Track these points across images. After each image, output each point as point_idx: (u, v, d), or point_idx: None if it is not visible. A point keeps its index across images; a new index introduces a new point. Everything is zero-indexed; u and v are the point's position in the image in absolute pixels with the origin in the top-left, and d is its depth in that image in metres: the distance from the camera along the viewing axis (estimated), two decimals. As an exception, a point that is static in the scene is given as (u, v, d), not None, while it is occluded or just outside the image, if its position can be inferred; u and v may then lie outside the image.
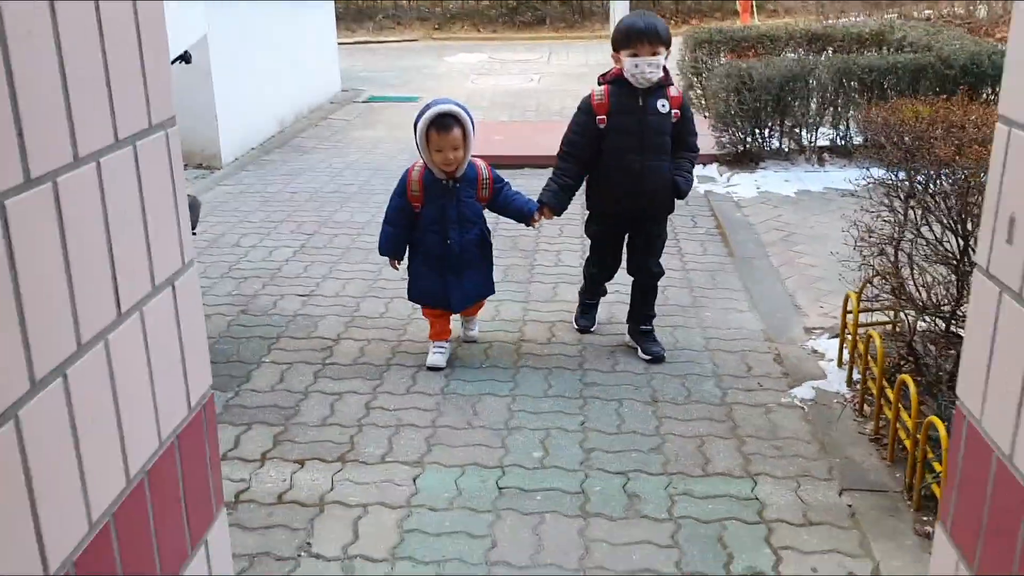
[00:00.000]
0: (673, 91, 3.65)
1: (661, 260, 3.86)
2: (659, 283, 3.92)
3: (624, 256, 3.92)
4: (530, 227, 3.89)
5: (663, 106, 3.58)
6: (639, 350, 3.81)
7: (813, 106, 6.92)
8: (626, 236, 3.85)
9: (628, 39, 3.49)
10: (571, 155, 3.67)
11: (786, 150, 7.07)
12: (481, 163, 3.70)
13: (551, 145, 3.95)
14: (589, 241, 3.97)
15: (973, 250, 2.96)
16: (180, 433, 1.26)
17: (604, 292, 4.13)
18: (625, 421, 3.31)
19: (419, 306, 3.92)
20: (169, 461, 1.22)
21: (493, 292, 3.89)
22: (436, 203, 3.59)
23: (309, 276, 4.85)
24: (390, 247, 3.71)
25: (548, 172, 3.77)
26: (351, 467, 3.03)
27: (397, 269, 3.76)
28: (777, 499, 2.82)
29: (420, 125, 3.45)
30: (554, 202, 3.68)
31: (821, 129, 7.07)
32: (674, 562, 2.55)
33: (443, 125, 3.44)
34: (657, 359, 3.75)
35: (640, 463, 3.03)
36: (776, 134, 7.03)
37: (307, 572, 2.51)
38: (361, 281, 4.75)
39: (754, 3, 9.48)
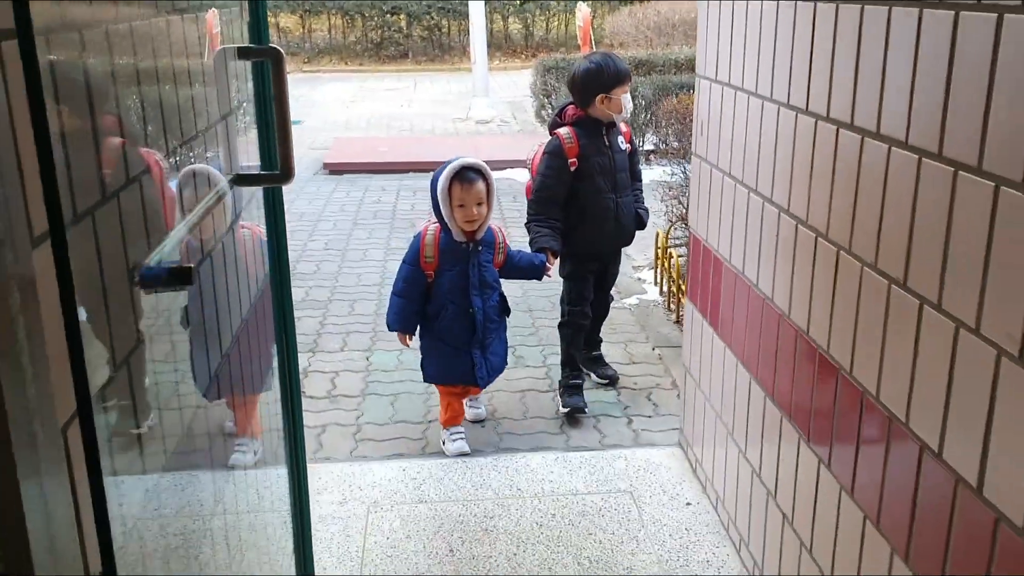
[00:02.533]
0: (623, 127, 3.73)
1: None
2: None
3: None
4: (540, 280, 3.67)
5: (622, 142, 3.66)
6: (593, 375, 3.95)
7: (641, 117, 8.64)
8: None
9: (620, 79, 3.49)
10: (549, 200, 3.56)
11: (621, 153, 8.74)
12: (495, 226, 3.44)
13: (428, 154, 4.92)
14: (565, 283, 3.82)
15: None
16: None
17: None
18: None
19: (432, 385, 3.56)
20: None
21: (506, 364, 3.61)
22: (455, 269, 3.30)
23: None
24: (402, 321, 3.37)
25: (429, 175, 3.44)
26: (322, 354, 4.29)
27: (409, 346, 3.49)
28: (614, 353, 4.30)
29: (442, 180, 3.20)
30: (555, 245, 3.54)
31: (647, 135, 8.80)
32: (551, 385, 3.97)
33: (467, 178, 3.20)
34: (613, 381, 3.92)
35: (520, 341, 4.45)
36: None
37: (310, 403, 3.76)
38: (294, 252, 5.97)
39: (592, 37, 11.23)
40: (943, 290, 1.48)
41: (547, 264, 3.52)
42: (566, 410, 3.61)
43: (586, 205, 3.58)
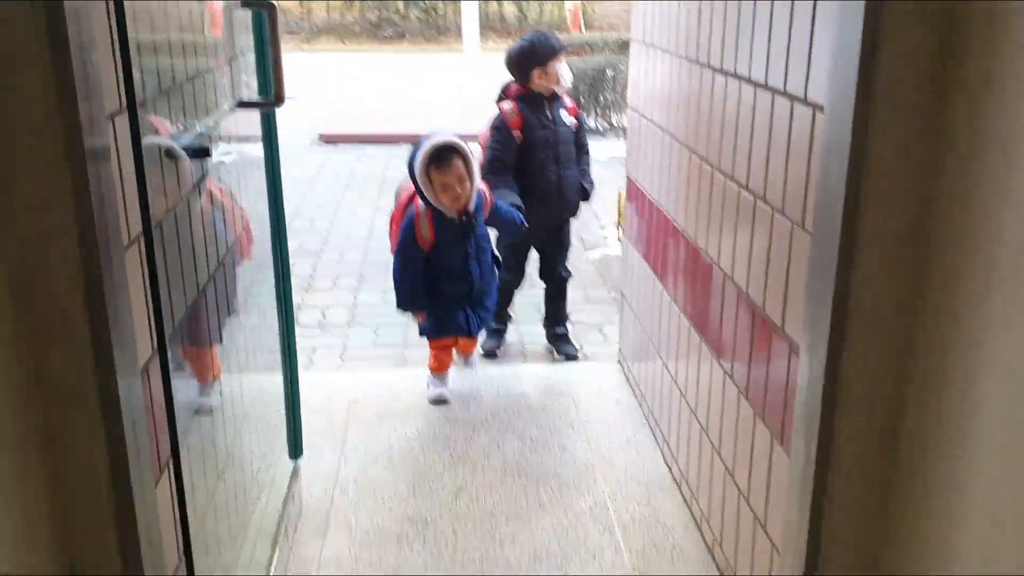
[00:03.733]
0: (568, 101, 3.84)
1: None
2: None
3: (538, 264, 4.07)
4: (517, 237, 3.74)
5: (566, 116, 3.78)
6: (555, 352, 4.04)
7: (620, 94, 9.16)
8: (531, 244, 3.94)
9: (554, 51, 3.65)
10: (502, 166, 3.68)
11: (600, 129, 9.26)
12: (480, 185, 3.34)
13: (418, 126, 5.33)
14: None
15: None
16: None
17: (510, 318, 4.21)
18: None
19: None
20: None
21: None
22: (452, 244, 3.28)
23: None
24: (417, 300, 3.35)
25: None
26: (314, 293, 4.82)
27: (421, 322, 3.43)
28: (574, 296, 4.81)
29: (417, 166, 3.11)
30: (519, 202, 3.63)
31: (624, 112, 9.32)
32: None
33: (443, 161, 3.11)
34: (571, 358, 3.99)
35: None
36: (593, 116, 9.21)
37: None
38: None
39: (582, 20, 11.73)
40: (766, 189, 1.99)
41: (524, 224, 3.54)
42: (482, 351, 3.94)
43: (530, 178, 3.70)
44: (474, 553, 2.52)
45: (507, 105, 3.72)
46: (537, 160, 3.71)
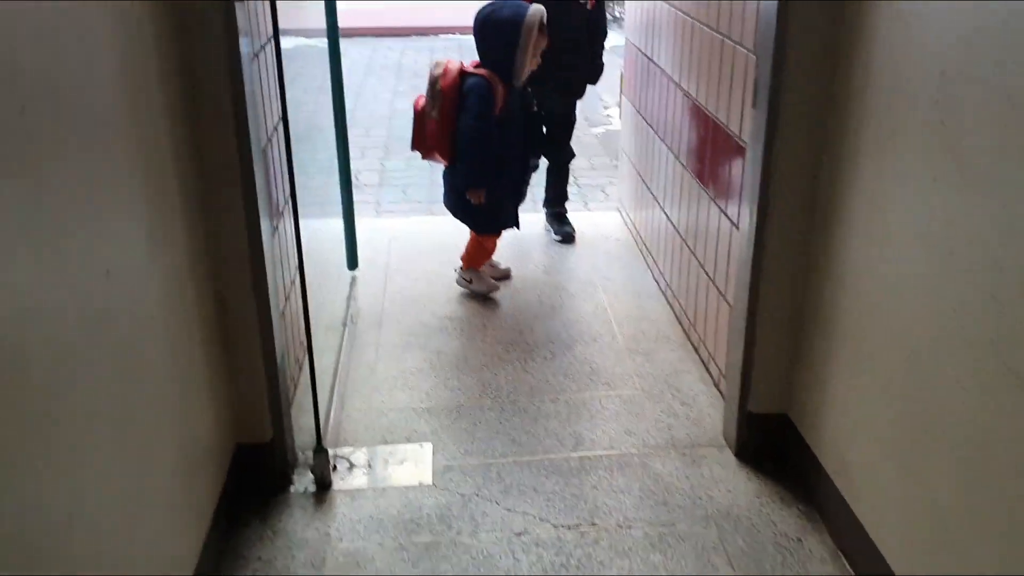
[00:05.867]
0: None
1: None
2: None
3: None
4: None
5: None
6: (552, 231, 4.07)
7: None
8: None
9: None
10: None
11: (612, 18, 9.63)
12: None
13: (428, 19, 5.80)
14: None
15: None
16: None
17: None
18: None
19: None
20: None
21: None
22: (516, 116, 3.22)
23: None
24: (486, 174, 3.20)
25: (429, 38, 4.21)
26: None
27: (481, 201, 3.24)
28: (579, 164, 5.38)
29: (530, 24, 3.03)
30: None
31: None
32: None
33: (544, 27, 3.12)
34: (568, 239, 4.00)
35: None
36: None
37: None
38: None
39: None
40: (731, 28, 2.56)
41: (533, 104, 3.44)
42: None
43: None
44: (501, 338, 3.18)
45: None
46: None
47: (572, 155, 4.04)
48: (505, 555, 2.13)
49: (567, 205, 4.16)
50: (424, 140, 3.23)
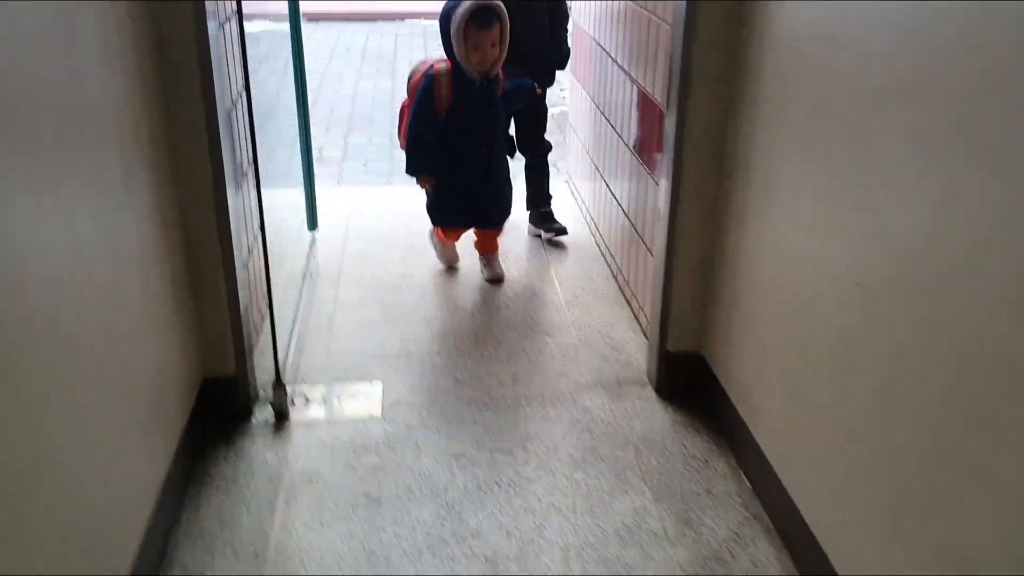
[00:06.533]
0: None
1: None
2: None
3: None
4: (531, 101, 3.56)
5: None
6: (543, 233, 3.95)
7: None
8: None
9: None
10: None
11: None
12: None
13: (395, 6, 6.08)
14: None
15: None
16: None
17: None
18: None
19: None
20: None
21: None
22: (468, 108, 3.24)
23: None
24: (424, 162, 3.31)
25: (395, 24, 4.22)
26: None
27: (430, 190, 3.41)
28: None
29: (456, 20, 3.09)
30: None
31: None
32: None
33: (483, 21, 3.10)
34: (562, 231, 3.91)
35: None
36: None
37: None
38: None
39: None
40: (641, 72, 2.82)
41: (536, 87, 3.50)
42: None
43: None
44: (451, 294, 3.43)
45: None
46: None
47: (549, 147, 3.90)
48: (443, 473, 2.39)
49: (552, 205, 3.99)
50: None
